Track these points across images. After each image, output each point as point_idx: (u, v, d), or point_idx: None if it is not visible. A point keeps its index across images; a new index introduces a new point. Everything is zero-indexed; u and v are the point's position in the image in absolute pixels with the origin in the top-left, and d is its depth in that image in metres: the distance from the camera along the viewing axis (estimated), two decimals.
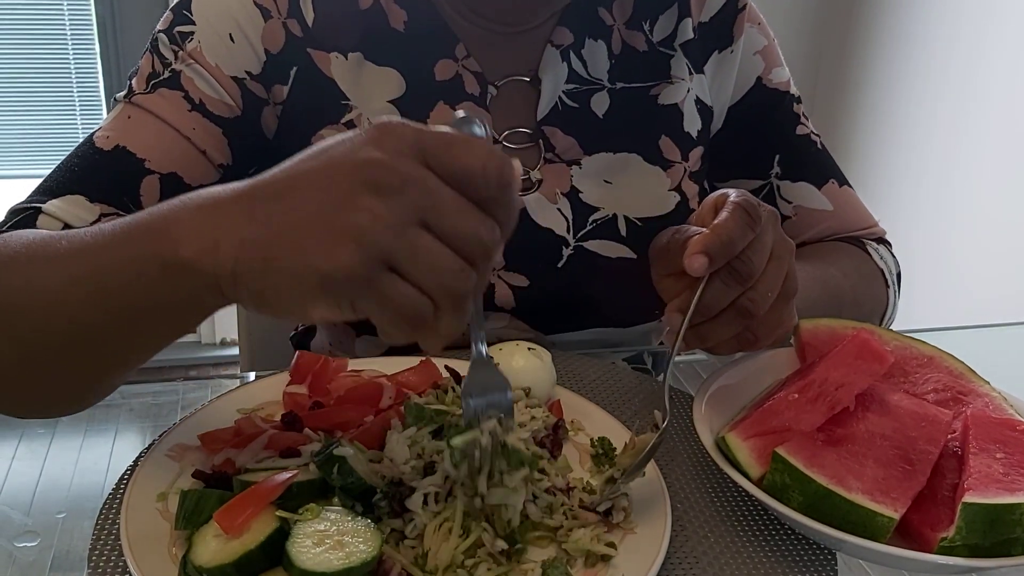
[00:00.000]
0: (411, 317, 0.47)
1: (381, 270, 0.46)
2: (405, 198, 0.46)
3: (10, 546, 0.65)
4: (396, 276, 0.47)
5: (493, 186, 0.48)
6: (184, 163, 0.80)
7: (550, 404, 0.73)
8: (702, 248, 0.64)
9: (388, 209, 0.46)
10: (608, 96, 0.89)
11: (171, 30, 0.82)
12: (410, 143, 0.47)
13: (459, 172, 0.47)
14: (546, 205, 0.86)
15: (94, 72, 2.55)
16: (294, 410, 0.67)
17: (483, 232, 0.47)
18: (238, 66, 0.82)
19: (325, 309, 0.48)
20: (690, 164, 0.91)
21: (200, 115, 0.80)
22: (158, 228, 0.53)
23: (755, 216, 0.65)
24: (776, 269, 0.67)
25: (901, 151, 2.40)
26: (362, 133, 0.49)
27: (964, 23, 2.18)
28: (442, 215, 0.47)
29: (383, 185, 0.46)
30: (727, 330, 0.67)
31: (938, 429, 0.65)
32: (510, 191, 0.48)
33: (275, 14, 0.83)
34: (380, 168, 0.46)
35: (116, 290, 0.55)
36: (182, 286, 0.52)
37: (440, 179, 0.47)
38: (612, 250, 0.87)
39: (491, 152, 0.48)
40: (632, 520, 0.62)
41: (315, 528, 0.54)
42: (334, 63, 0.84)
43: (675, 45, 0.91)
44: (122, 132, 0.79)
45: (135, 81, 0.82)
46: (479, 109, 0.86)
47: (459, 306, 0.48)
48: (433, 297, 0.47)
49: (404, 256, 0.46)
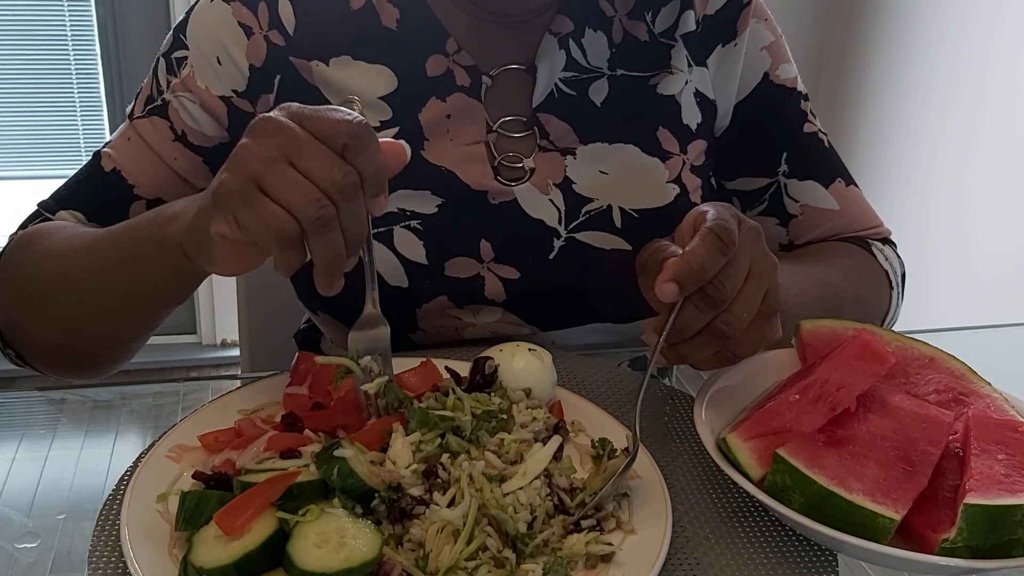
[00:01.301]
0: (278, 231, 0.57)
1: (254, 190, 0.58)
2: (274, 140, 0.59)
3: (11, 547, 0.65)
4: (267, 197, 0.58)
5: (345, 135, 0.58)
6: (168, 189, 0.88)
7: (550, 405, 0.73)
8: (671, 276, 0.64)
9: (260, 146, 0.59)
10: (607, 84, 0.89)
11: (169, 55, 0.88)
12: (292, 110, 0.60)
13: (320, 126, 0.59)
14: (537, 196, 0.86)
15: (95, 73, 2.55)
16: (294, 411, 0.67)
17: (336, 171, 0.58)
18: (225, 86, 0.87)
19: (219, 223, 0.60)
20: (690, 157, 0.91)
21: (182, 145, 0.88)
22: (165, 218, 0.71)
23: (728, 241, 0.65)
24: (754, 288, 0.67)
25: (901, 150, 2.40)
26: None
27: (973, 18, 2.17)
28: (301, 154, 0.58)
29: (262, 131, 0.59)
30: (703, 351, 0.68)
31: (939, 430, 0.64)
32: (361, 141, 0.58)
33: (257, 29, 0.86)
34: (263, 120, 0.60)
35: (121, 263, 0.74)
36: (170, 257, 0.68)
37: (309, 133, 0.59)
38: (606, 241, 0.87)
39: (347, 113, 0.60)
40: (633, 521, 0.62)
41: (315, 529, 0.54)
42: (315, 71, 0.86)
43: (676, 36, 0.91)
44: (120, 154, 0.88)
45: (137, 102, 0.89)
46: (470, 100, 0.86)
47: (322, 230, 0.58)
48: (296, 216, 0.57)
49: (269, 180, 0.58)
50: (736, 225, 0.67)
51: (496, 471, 0.62)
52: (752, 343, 0.69)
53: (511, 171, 0.87)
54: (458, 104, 0.86)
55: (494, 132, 0.87)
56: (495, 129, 0.87)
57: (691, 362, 0.70)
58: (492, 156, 0.87)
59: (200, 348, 2.87)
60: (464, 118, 0.86)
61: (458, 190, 0.85)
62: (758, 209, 0.98)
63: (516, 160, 0.87)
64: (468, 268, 0.86)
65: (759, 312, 0.67)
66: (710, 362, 0.70)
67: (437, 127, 0.86)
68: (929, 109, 2.31)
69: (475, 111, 0.86)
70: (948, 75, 2.25)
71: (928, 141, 2.32)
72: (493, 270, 0.86)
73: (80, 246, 0.79)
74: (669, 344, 0.67)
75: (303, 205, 0.57)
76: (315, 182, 0.58)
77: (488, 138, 0.87)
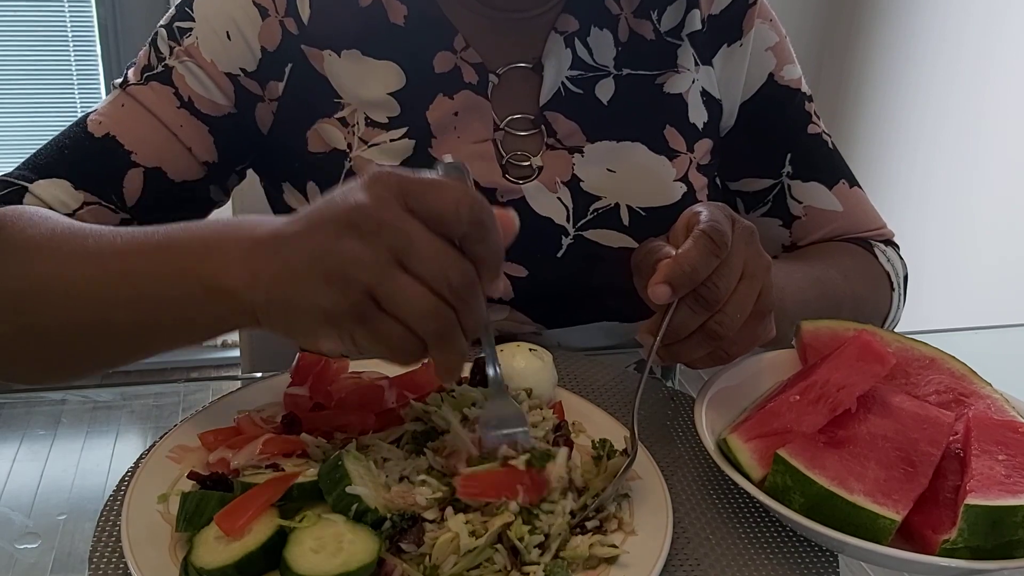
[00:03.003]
0: (400, 350, 0.52)
1: (370, 307, 0.51)
2: (382, 239, 0.51)
3: (11, 548, 0.65)
4: (384, 314, 0.52)
5: (465, 223, 0.51)
6: (169, 158, 0.83)
7: (551, 405, 0.73)
8: (664, 278, 0.65)
9: (366, 250, 0.51)
10: (613, 83, 0.89)
11: (171, 25, 0.85)
12: (394, 188, 0.52)
13: (435, 212, 0.51)
14: (545, 194, 0.86)
15: (95, 73, 2.55)
16: (294, 411, 0.67)
17: (453, 271, 0.51)
18: (233, 63, 0.84)
19: (331, 341, 0.53)
20: (697, 156, 0.91)
21: (188, 112, 0.83)
22: (196, 251, 0.59)
23: (720, 243, 0.65)
24: (747, 289, 0.67)
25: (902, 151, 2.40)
26: (358, 182, 0.53)
27: (972, 18, 2.17)
28: (415, 255, 0.51)
29: (363, 228, 0.51)
30: (697, 351, 0.68)
31: (940, 431, 0.64)
32: (484, 228, 0.52)
33: (273, 13, 0.84)
34: (361, 212, 0.51)
35: (153, 298, 0.60)
36: (221, 308, 0.58)
37: (419, 221, 0.51)
38: (614, 239, 0.87)
39: (465, 192, 0.52)
40: (634, 522, 0.62)
41: (312, 534, 0.54)
42: (327, 60, 0.85)
43: (682, 35, 0.91)
44: (113, 120, 0.82)
45: (132, 71, 0.85)
46: (478, 98, 0.86)
47: (443, 341, 0.52)
48: (417, 333, 0.52)
49: (383, 294, 0.51)
50: (729, 226, 0.67)
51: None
52: (746, 343, 0.69)
53: (519, 169, 0.87)
54: (465, 102, 0.86)
55: (501, 130, 0.87)
56: (502, 127, 0.87)
57: (685, 361, 0.70)
58: (500, 154, 0.87)
59: (201, 349, 2.87)
60: (471, 116, 0.86)
61: None
62: (761, 210, 0.98)
63: (523, 158, 0.87)
64: None
65: (753, 312, 0.68)
66: (704, 361, 0.70)
67: (444, 125, 0.86)
68: (929, 110, 2.31)
69: (482, 109, 0.86)
70: (948, 76, 2.25)
71: (928, 141, 2.32)
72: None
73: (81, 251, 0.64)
74: (664, 344, 0.68)
75: (421, 319, 0.51)
76: (429, 285, 0.51)
77: (495, 136, 0.87)
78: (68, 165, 0.81)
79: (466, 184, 0.53)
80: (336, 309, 0.51)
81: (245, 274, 0.55)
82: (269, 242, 0.55)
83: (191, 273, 0.58)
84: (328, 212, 0.53)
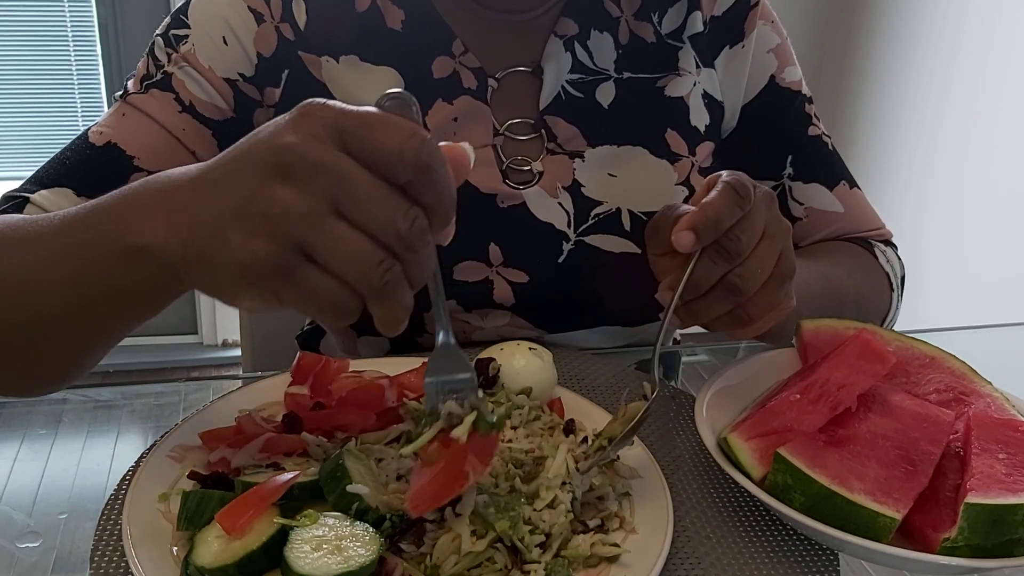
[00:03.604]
0: (333, 307, 0.47)
1: (299, 260, 0.46)
2: (316, 185, 0.45)
3: (12, 547, 0.65)
4: (315, 267, 0.46)
5: (411, 168, 0.45)
6: (173, 163, 0.79)
7: (550, 403, 0.73)
8: (689, 225, 0.65)
9: (299, 197, 0.45)
10: (614, 86, 0.89)
11: (167, 33, 0.84)
12: (328, 125, 0.46)
13: (376, 154, 0.45)
14: (546, 199, 0.86)
15: (96, 74, 2.55)
16: (295, 411, 0.68)
17: (400, 220, 0.45)
18: (230, 68, 0.84)
19: (252, 299, 0.48)
20: (699, 159, 0.91)
21: (190, 116, 0.82)
22: (116, 212, 0.53)
23: (744, 195, 0.65)
24: (768, 248, 0.67)
25: (901, 151, 2.40)
26: (286, 116, 0.47)
27: (969, 21, 2.18)
28: (356, 203, 0.45)
29: (294, 172, 0.45)
30: (717, 307, 0.68)
31: (940, 430, 0.64)
32: (432, 173, 0.46)
33: (268, 18, 0.84)
34: (291, 152, 0.45)
35: (80, 271, 0.55)
36: (141, 269, 0.52)
37: (358, 163, 0.45)
38: (615, 244, 0.87)
39: (411, 132, 0.46)
40: (634, 520, 0.62)
41: (313, 533, 0.54)
42: (324, 67, 0.85)
43: (684, 37, 0.91)
44: (115, 129, 0.81)
45: (131, 82, 0.85)
46: (477, 103, 0.86)
47: (384, 296, 0.47)
48: (354, 288, 0.46)
49: (319, 247, 0.45)
50: (752, 185, 0.67)
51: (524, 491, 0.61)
52: (765, 304, 0.68)
53: (519, 174, 0.87)
54: (465, 107, 0.86)
55: (501, 135, 0.87)
56: (502, 132, 0.87)
57: (705, 321, 0.69)
58: (500, 159, 0.87)
59: (201, 348, 2.87)
60: (471, 121, 0.86)
61: (467, 194, 0.84)
62: None
63: (524, 163, 0.87)
64: (477, 272, 0.85)
65: (773, 275, 0.67)
66: (724, 322, 0.69)
67: (444, 130, 0.85)
68: (927, 110, 2.31)
69: (482, 114, 0.86)
70: (946, 76, 2.25)
71: (927, 141, 2.32)
72: (502, 274, 0.86)
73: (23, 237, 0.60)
74: (684, 302, 0.68)
75: (362, 274, 0.45)
76: (374, 235, 0.46)
77: (495, 141, 0.87)
78: (70, 174, 0.80)
79: (412, 120, 0.47)
80: (259, 264, 0.45)
81: (159, 227, 0.50)
82: (186, 190, 0.50)
83: (108, 235, 0.52)
84: (253, 153, 0.47)
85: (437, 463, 0.55)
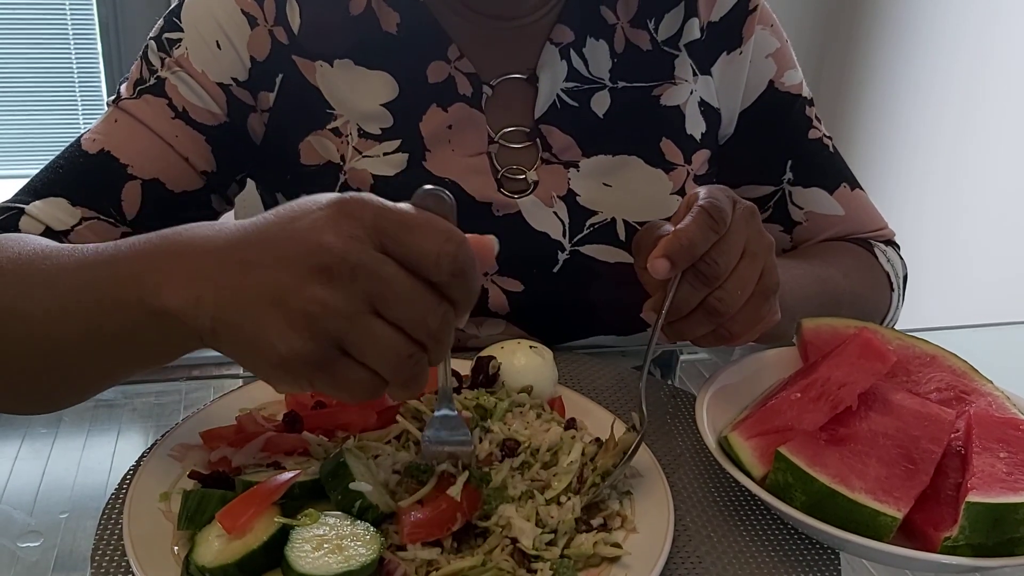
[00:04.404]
0: (363, 393, 0.49)
1: (334, 355, 0.48)
2: (356, 287, 0.47)
3: (13, 546, 0.65)
4: (349, 360, 0.48)
5: (446, 273, 0.48)
6: (166, 170, 0.82)
7: (551, 402, 0.73)
8: (663, 252, 0.65)
9: (338, 298, 0.47)
10: (609, 95, 0.88)
11: (160, 37, 0.84)
12: (367, 225, 0.48)
13: (414, 257, 0.48)
14: (541, 208, 0.86)
15: (96, 73, 2.55)
16: (296, 410, 0.68)
17: (432, 319, 0.48)
18: (224, 72, 0.83)
19: (286, 384, 0.50)
20: (694, 167, 0.90)
21: (183, 123, 0.82)
22: (137, 273, 0.54)
23: (718, 219, 0.65)
24: (749, 266, 0.67)
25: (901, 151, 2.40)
26: (325, 209, 0.49)
27: (969, 22, 2.17)
28: (392, 302, 0.47)
29: (334, 274, 0.47)
30: (699, 328, 0.68)
31: (941, 428, 0.64)
32: (464, 276, 0.48)
33: (262, 22, 0.84)
34: (331, 256, 0.47)
35: (104, 326, 0.56)
36: (165, 329, 0.53)
37: (395, 262, 0.48)
38: (610, 255, 0.87)
39: (447, 237, 0.48)
40: (635, 519, 0.62)
41: (314, 533, 0.54)
42: (318, 71, 0.84)
43: (680, 45, 0.90)
44: (108, 136, 0.81)
45: (124, 87, 0.84)
46: (472, 110, 0.85)
47: (411, 384, 0.50)
48: (385, 379, 0.49)
49: (355, 343, 0.47)
50: (730, 205, 0.67)
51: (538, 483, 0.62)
52: (749, 322, 0.69)
53: (514, 183, 0.86)
54: (459, 114, 0.85)
55: (496, 143, 0.86)
56: (497, 140, 0.86)
57: (690, 339, 0.70)
58: (495, 168, 0.86)
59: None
60: (465, 128, 0.85)
61: (462, 202, 0.83)
62: (762, 216, 0.97)
63: (519, 172, 0.86)
64: None
65: (755, 292, 0.68)
66: (708, 340, 0.70)
67: (438, 137, 0.85)
68: (928, 110, 2.31)
69: (476, 121, 0.85)
70: (947, 76, 2.25)
71: (927, 141, 2.32)
72: (497, 283, 0.86)
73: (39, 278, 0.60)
74: (668, 322, 0.68)
75: (393, 368, 0.48)
76: (405, 330, 0.48)
77: (490, 149, 0.86)
78: (64, 184, 0.80)
79: (448, 222, 0.49)
80: (298, 359, 0.47)
81: (187, 294, 0.51)
82: (210, 260, 0.51)
83: (131, 290, 0.53)
84: (290, 247, 0.48)
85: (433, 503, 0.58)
